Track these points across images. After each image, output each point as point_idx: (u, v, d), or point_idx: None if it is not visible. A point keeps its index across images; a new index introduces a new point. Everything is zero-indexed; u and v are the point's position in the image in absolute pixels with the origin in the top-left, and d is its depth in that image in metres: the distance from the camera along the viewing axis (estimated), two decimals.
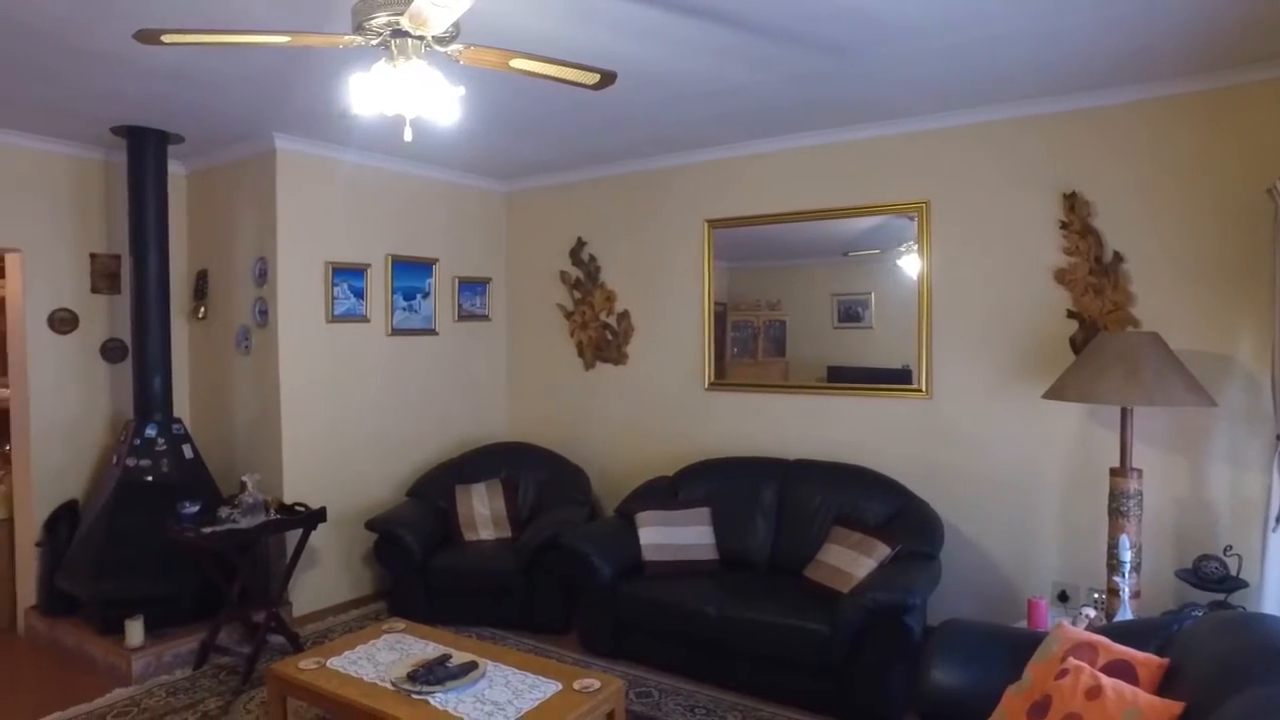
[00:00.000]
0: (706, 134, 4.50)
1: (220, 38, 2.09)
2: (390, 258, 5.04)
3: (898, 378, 4.33)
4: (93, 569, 4.10)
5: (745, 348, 4.88)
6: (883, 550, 3.64)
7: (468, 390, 5.62)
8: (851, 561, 3.67)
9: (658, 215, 5.11)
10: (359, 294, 4.86)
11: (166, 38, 2.03)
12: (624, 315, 5.27)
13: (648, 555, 4.13)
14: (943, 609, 3.82)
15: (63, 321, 4.62)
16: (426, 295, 5.29)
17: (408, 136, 2.35)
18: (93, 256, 4.73)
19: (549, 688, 2.86)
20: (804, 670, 3.47)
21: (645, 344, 5.21)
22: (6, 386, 4.85)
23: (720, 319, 4.92)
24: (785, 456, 4.53)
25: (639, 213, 5.19)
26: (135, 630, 3.99)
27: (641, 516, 4.25)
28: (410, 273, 5.17)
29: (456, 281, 5.50)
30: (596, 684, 2.88)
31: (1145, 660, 2.06)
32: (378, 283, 4.98)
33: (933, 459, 4.19)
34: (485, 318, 5.74)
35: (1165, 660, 2.06)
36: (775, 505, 4.30)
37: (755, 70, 3.42)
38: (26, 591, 4.59)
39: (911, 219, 4.25)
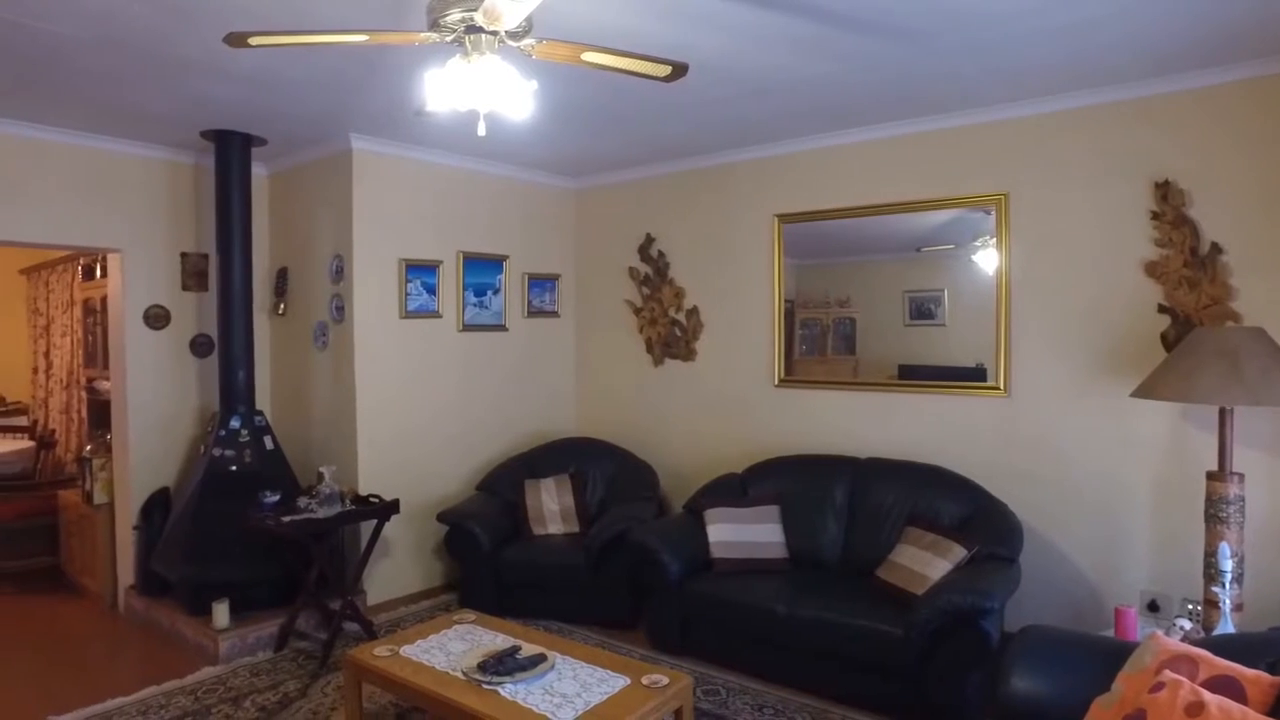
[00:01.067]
0: (777, 127, 4.44)
1: (303, 38, 2.15)
2: (462, 254, 5.13)
3: (972, 376, 4.20)
4: (182, 553, 4.29)
5: (814, 345, 4.80)
6: (958, 552, 3.53)
7: (537, 386, 5.67)
8: (926, 563, 3.57)
9: (727, 211, 5.07)
10: (431, 290, 4.96)
11: (254, 40, 2.10)
12: (693, 311, 5.25)
13: (716, 552, 4.10)
14: (1021, 615, 3.70)
15: (156, 318, 4.84)
16: (497, 292, 5.36)
17: (481, 131, 2.38)
18: (183, 256, 4.94)
19: (617, 682, 2.86)
20: (875, 672, 3.40)
21: (714, 340, 5.18)
22: (109, 379, 5.11)
23: (788, 316, 4.85)
24: (856, 455, 4.44)
25: (708, 208, 5.15)
26: (221, 613, 4.15)
27: (710, 513, 4.22)
28: (481, 269, 5.25)
29: (526, 278, 5.56)
30: (665, 680, 2.86)
31: (1255, 678, 1.91)
32: (449, 279, 5.07)
33: (1011, 459, 4.05)
34: (554, 314, 5.79)
35: (1278, 679, 1.91)
36: (846, 504, 4.22)
37: (827, 61, 3.35)
38: (126, 572, 4.84)
39: (988, 212, 4.11)
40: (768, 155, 4.83)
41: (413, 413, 4.90)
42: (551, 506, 4.80)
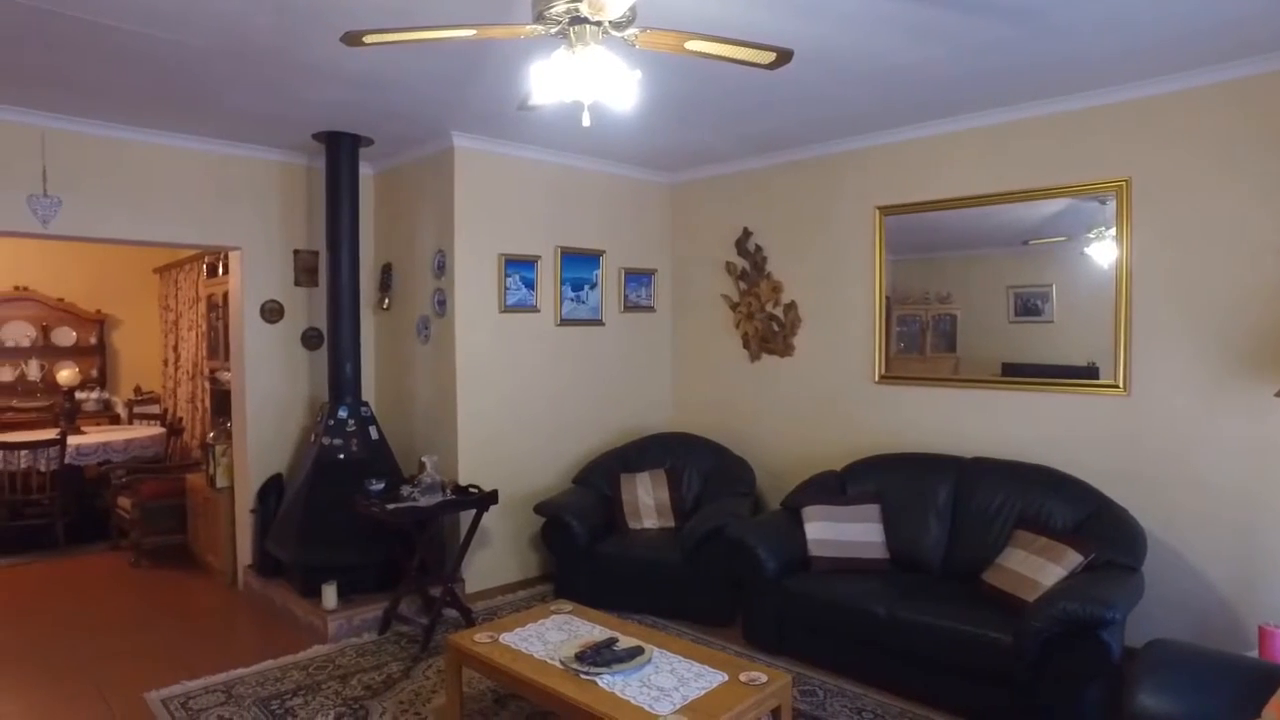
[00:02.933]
0: (879, 116, 4.31)
1: (414, 34, 2.21)
2: (559, 250, 5.19)
3: (1082, 375, 3.98)
4: (294, 537, 4.49)
5: (912, 343, 4.65)
6: (1073, 558, 3.35)
7: (632, 380, 5.69)
8: (1037, 568, 3.40)
9: (826, 203, 4.95)
10: (530, 285, 5.04)
11: (368, 38, 2.17)
12: (791, 306, 5.16)
13: (814, 551, 4.02)
14: (1144, 629, 3.48)
15: (272, 312, 5.09)
16: (594, 286, 5.40)
17: (586, 122, 2.39)
18: (296, 253, 5.18)
19: (714, 678, 2.84)
20: (981, 680, 3.26)
21: (812, 335, 5.07)
22: (229, 370, 5.41)
23: (885, 313, 4.72)
24: (960, 454, 4.27)
25: (806, 201, 5.05)
26: (330, 594, 4.34)
27: (808, 511, 4.14)
28: (578, 264, 5.30)
29: (623, 273, 5.58)
30: (763, 678, 2.82)
31: None
32: (547, 274, 5.14)
33: (1132, 461, 3.81)
34: (650, 308, 5.79)
35: None
36: (950, 504, 4.07)
37: (933, 44, 3.23)
38: (244, 552, 5.12)
39: (1103, 201, 3.89)
40: (869, 145, 4.70)
41: (511, 405, 4.99)
42: (646, 501, 4.81)
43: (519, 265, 4.98)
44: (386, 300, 5.34)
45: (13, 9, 2.87)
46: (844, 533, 4.06)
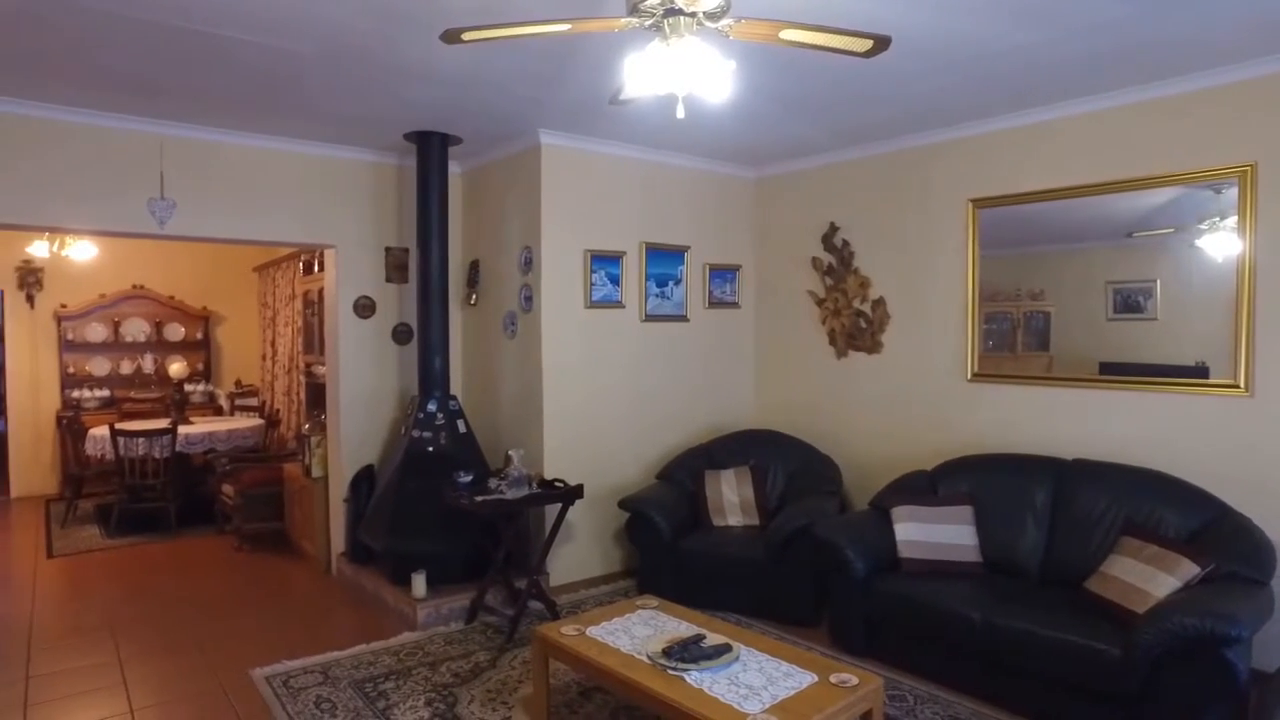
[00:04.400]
0: (975, 104, 4.16)
1: (510, 30, 2.24)
2: (644, 245, 5.19)
3: (1190, 375, 3.76)
4: (385, 526, 4.62)
5: (1001, 341, 4.49)
6: (1189, 568, 3.16)
7: (716, 376, 5.65)
8: (1148, 578, 3.22)
9: (916, 196, 4.81)
10: (615, 281, 5.06)
11: (467, 35, 2.21)
12: (879, 302, 5.03)
13: (904, 552, 3.92)
14: (1275, 653, 3.25)
15: (364, 308, 5.25)
16: (678, 282, 5.39)
17: (680, 114, 2.38)
18: (387, 250, 5.33)
19: (804, 678, 2.79)
20: (1085, 694, 3.11)
21: (901, 332, 4.94)
22: (324, 364, 5.61)
23: (977, 309, 4.56)
24: (1058, 455, 4.09)
25: (896, 194, 4.92)
26: (419, 583, 4.44)
27: (898, 511, 4.03)
28: (663, 260, 5.29)
29: (707, 269, 5.55)
30: (854, 680, 2.76)
31: None
32: (632, 270, 5.15)
33: (1253, 466, 3.57)
34: (735, 305, 5.74)
35: None
36: (1048, 507, 3.90)
37: (1038, 27, 3.09)
38: (338, 539, 5.31)
39: (1219, 190, 3.66)
40: (963, 136, 4.55)
41: (596, 400, 5.02)
42: (731, 498, 4.77)
43: (604, 261, 5.00)
44: (474, 296, 5.45)
45: (140, 26, 3.04)
46: (935, 534, 3.94)
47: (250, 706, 3.48)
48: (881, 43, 2.47)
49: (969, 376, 4.59)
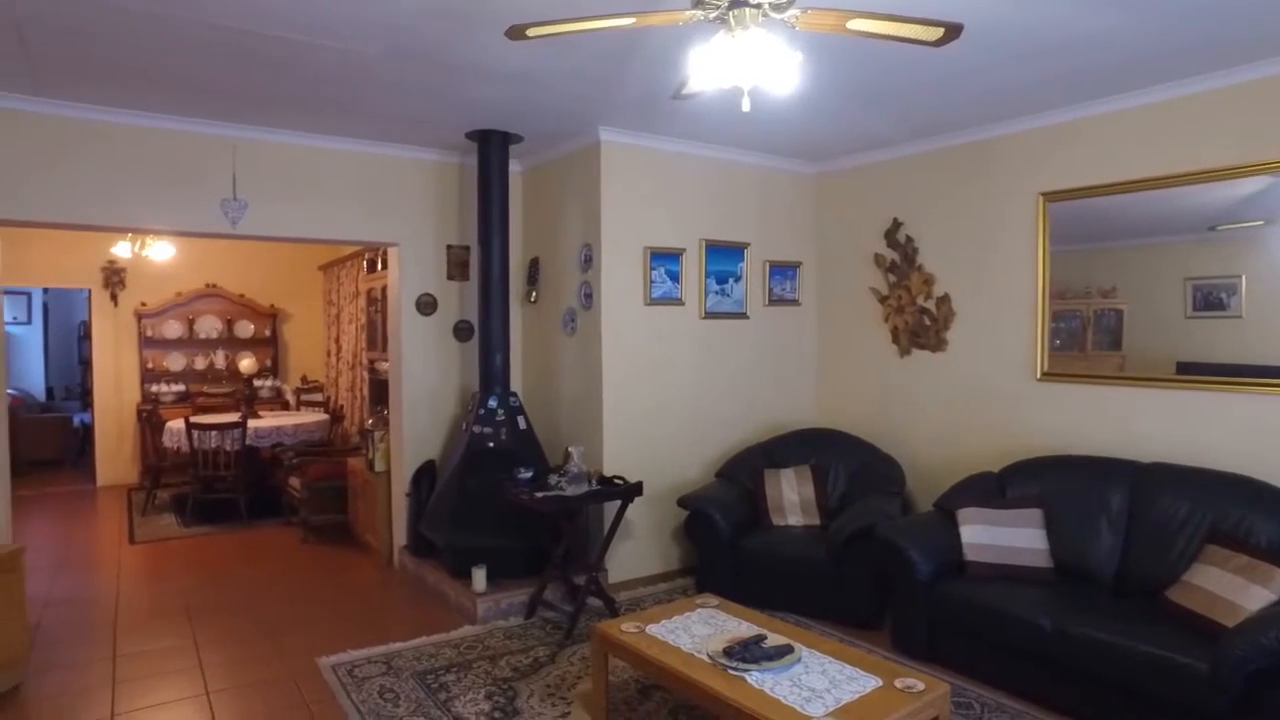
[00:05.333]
0: (1046, 95, 4.02)
1: (575, 25, 2.24)
2: (704, 242, 5.16)
3: (1278, 376, 3.57)
4: (446, 521, 4.69)
5: (1070, 340, 4.34)
6: None
7: (776, 374, 5.60)
8: (1236, 589, 3.07)
9: (983, 190, 4.68)
10: (675, 278, 5.04)
11: (531, 31, 2.22)
12: (944, 299, 4.91)
13: (969, 555, 3.81)
14: None
15: (426, 305, 5.34)
16: (738, 279, 5.34)
17: (746, 107, 2.35)
18: (448, 248, 5.40)
19: (868, 682, 2.73)
20: (1165, 710, 2.96)
21: (967, 330, 4.81)
22: (386, 361, 5.72)
23: (1047, 306, 4.42)
24: (1135, 458, 3.93)
25: (962, 188, 4.80)
26: (479, 578, 4.50)
27: (964, 513, 3.93)
28: (723, 257, 5.26)
29: (767, 266, 5.49)
30: (920, 685, 2.69)
31: None
32: (692, 267, 5.13)
33: None
34: (795, 302, 5.67)
35: None
36: (1124, 512, 3.75)
37: (1113, 11, 2.96)
38: (400, 533, 5.41)
39: None
40: (1033, 127, 4.40)
41: (655, 398, 5.02)
42: (791, 497, 4.71)
43: (664, 258, 4.99)
44: (534, 293, 5.49)
45: (215, 33, 3.14)
46: (1003, 537, 3.83)
47: (317, 694, 3.57)
48: (953, 31, 2.40)
49: (1038, 376, 4.44)
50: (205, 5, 2.90)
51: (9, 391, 4.39)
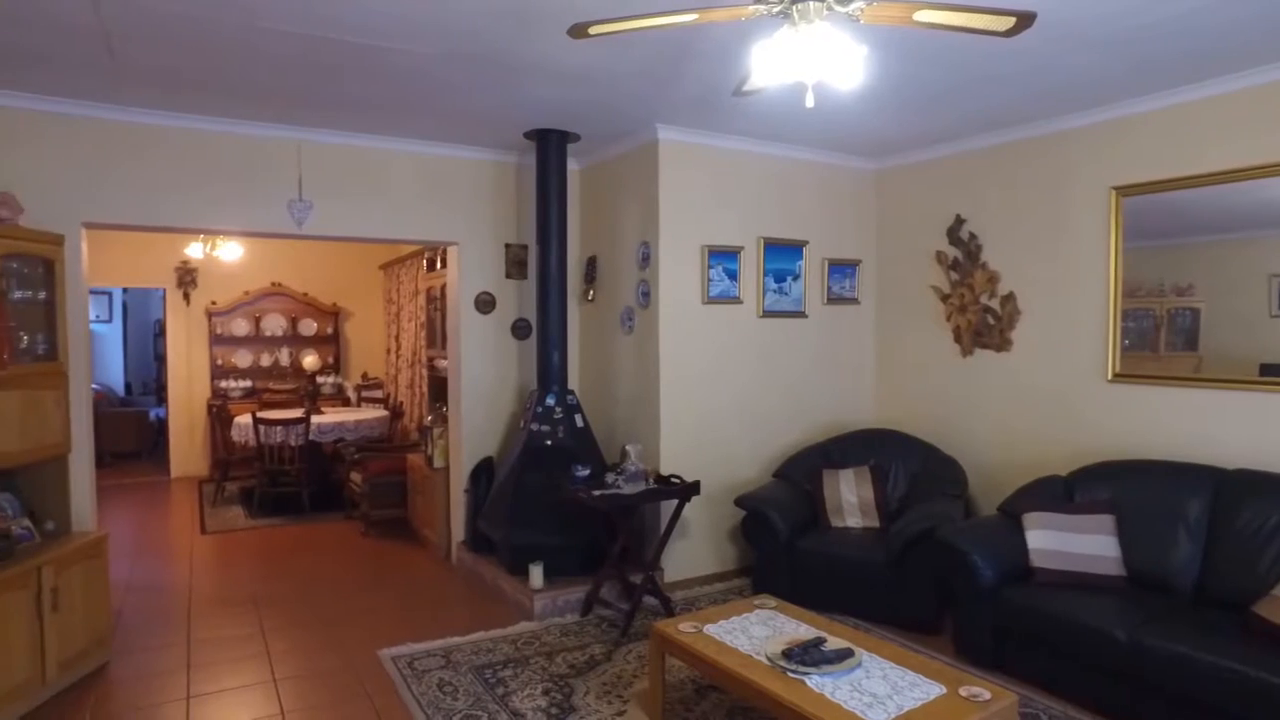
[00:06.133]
0: (1117, 85, 3.88)
1: (638, 22, 2.23)
2: (762, 240, 5.12)
3: None
4: (504, 517, 4.73)
5: (1141, 340, 4.18)
6: None
7: (835, 374, 5.52)
8: None
9: (1052, 184, 4.54)
10: (733, 276, 5.00)
11: (594, 29, 2.22)
12: (1008, 298, 4.78)
13: (1036, 561, 3.70)
14: None
15: (484, 303, 5.40)
16: (796, 278, 5.29)
17: (810, 103, 2.31)
18: (507, 247, 5.46)
19: (931, 689, 2.67)
20: None
21: (1033, 329, 4.68)
22: (445, 358, 5.81)
23: (1120, 305, 4.27)
24: (1216, 463, 3.76)
25: (1029, 183, 4.66)
26: (537, 574, 4.53)
27: (1030, 517, 3.82)
28: (781, 255, 5.20)
29: (826, 264, 5.42)
30: (986, 694, 2.62)
31: None
32: (750, 265, 5.09)
33: None
34: (854, 300, 5.59)
35: None
36: (1205, 520, 3.60)
37: None
38: (457, 528, 5.48)
39: None
40: (1105, 119, 4.25)
41: (712, 397, 4.99)
42: (850, 498, 4.64)
43: (722, 256, 4.96)
44: (591, 292, 5.51)
45: (281, 38, 3.22)
46: (1071, 543, 3.71)
47: (378, 685, 3.64)
48: (1025, 20, 2.32)
49: (1109, 377, 4.29)
50: (275, 13, 2.97)
51: (92, 386, 4.57)
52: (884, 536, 4.31)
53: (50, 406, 3.72)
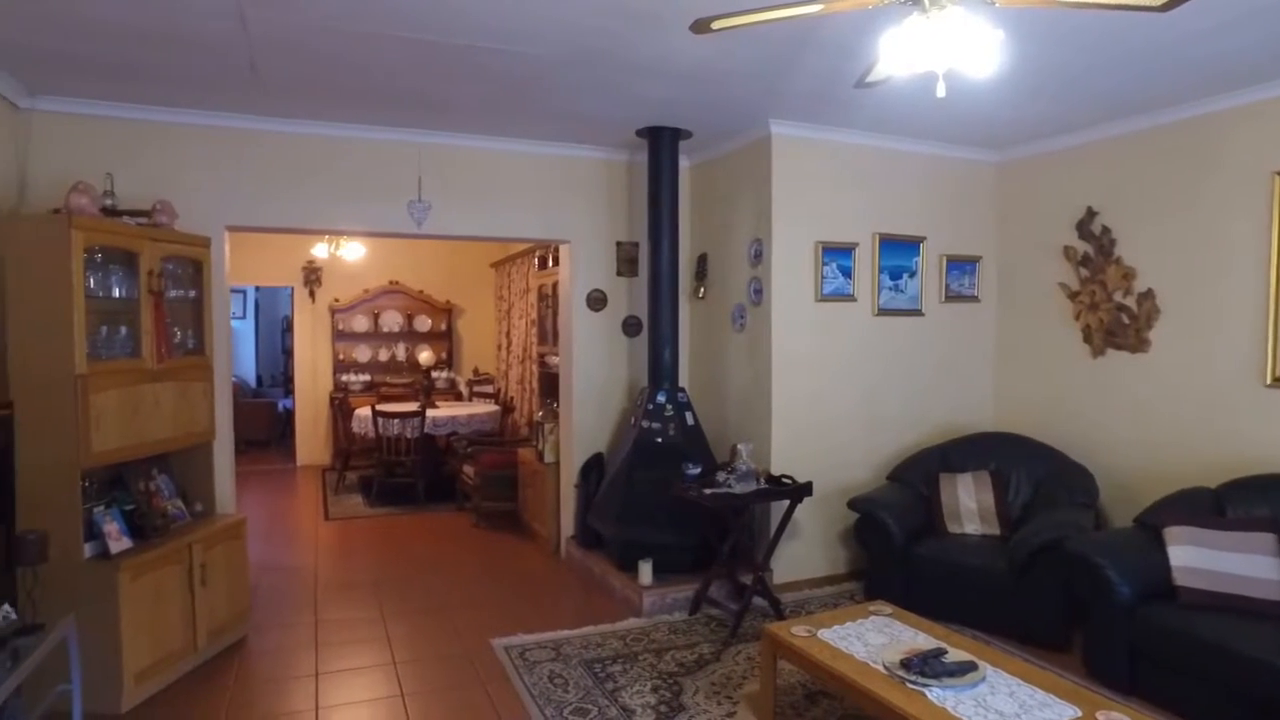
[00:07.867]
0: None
1: (761, 15, 2.19)
2: (877, 236, 4.98)
3: None
4: (614, 513, 4.77)
5: None
6: None
7: (952, 375, 5.31)
8: None
9: (1200, 172, 4.21)
10: (847, 273, 4.88)
11: (716, 24, 2.20)
12: (1146, 295, 4.47)
13: (1180, 579, 3.44)
14: None
15: (596, 300, 5.46)
16: (913, 275, 5.11)
17: (941, 92, 2.22)
18: (618, 245, 5.50)
19: (1063, 710, 2.53)
20: None
21: (1174, 328, 4.36)
22: (557, 355, 5.91)
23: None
24: None
25: (1173, 171, 4.34)
26: (645, 571, 4.55)
27: (1173, 532, 3.56)
28: (897, 251, 5.04)
29: (944, 260, 5.22)
30: None
31: None
32: (865, 262, 4.95)
33: None
34: (974, 298, 5.36)
35: None
36: None
37: None
38: (567, 523, 5.57)
39: None
40: (1264, 98, 3.90)
41: (825, 396, 4.89)
42: (968, 504, 4.45)
43: (836, 253, 4.84)
44: (702, 289, 5.49)
45: (397, 43, 3.34)
46: (1222, 562, 3.43)
47: (491, 673, 3.73)
48: None
49: (1268, 381, 3.94)
50: (408, 22, 3.08)
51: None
52: (1005, 545, 4.11)
53: (198, 397, 4.01)
